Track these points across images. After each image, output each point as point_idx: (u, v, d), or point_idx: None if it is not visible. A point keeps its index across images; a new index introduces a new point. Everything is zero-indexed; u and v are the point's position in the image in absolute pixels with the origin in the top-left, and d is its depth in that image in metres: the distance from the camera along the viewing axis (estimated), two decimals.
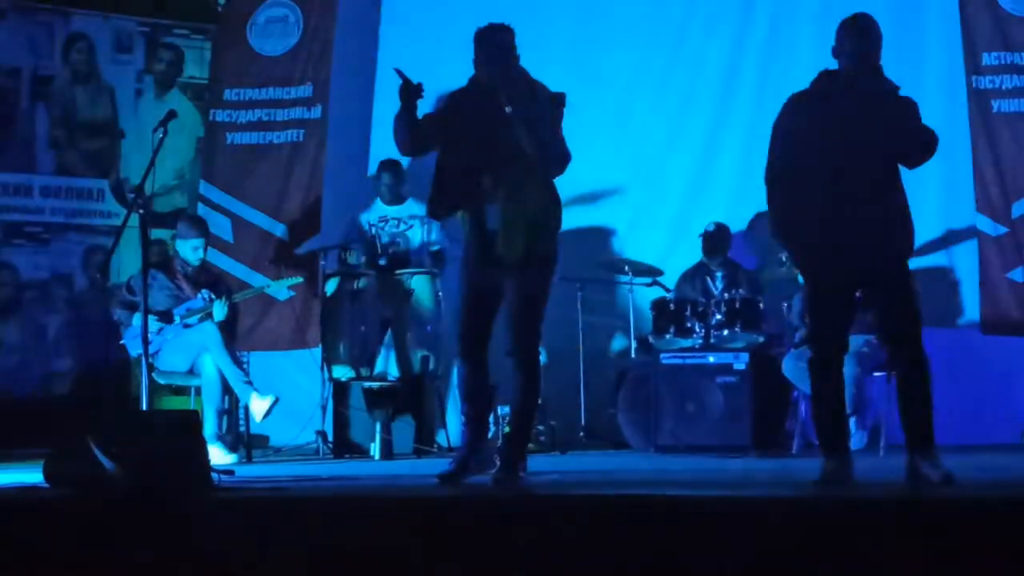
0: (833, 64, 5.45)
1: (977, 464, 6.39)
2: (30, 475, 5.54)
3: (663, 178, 9.09)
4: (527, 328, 5.68)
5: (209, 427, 7.27)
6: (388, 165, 8.51)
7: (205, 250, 7.92)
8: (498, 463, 5.68)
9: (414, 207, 8.43)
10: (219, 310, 7.67)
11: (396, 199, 8.54)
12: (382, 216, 8.50)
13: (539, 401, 6.12)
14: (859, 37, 5.32)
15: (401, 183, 8.53)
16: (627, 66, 9.12)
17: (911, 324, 5.34)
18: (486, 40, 5.71)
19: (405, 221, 8.47)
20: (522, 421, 5.78)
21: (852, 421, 7.17)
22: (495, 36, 5.71)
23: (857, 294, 5.56)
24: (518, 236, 5.56)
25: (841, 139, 5.26)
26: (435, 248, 8.45)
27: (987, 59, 8.10)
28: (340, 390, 8.02)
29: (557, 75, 6.02)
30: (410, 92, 5.73)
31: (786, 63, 8.59)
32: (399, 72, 5.77)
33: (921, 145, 5.32)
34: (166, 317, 7.68)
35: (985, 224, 8.04)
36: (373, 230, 8.35)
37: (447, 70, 6.20)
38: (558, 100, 5.72)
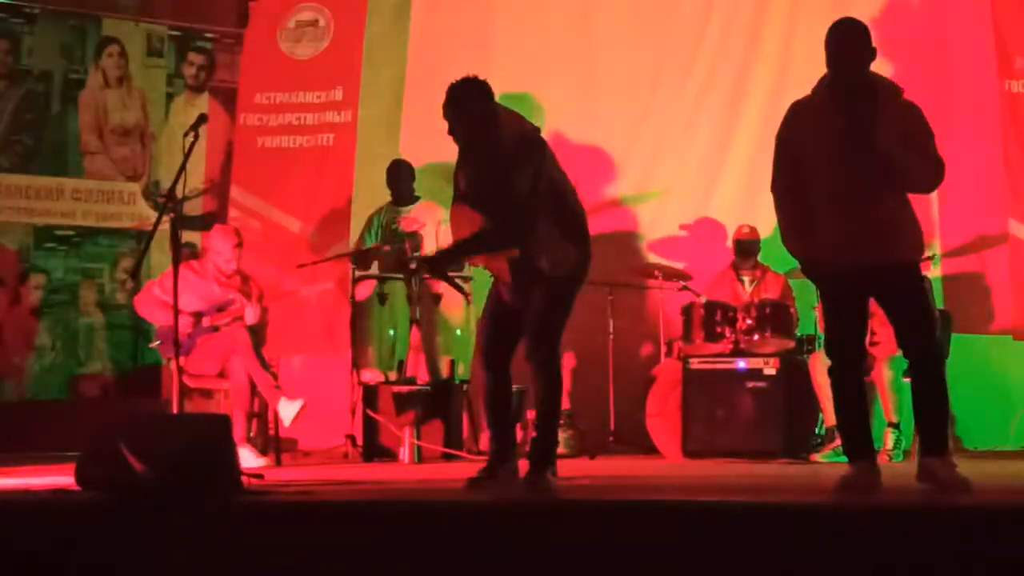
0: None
1: (1009, 470, 6.35)
2: (61, 478, 5.56)
3: (694, 183, 9.07)
4: (544, 331, 5.62)
5: (238, 430, 7.28)
6: (400, 164, 8.43)
7: (239, 260, 7.90)
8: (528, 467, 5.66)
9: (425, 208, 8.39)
10: (250, 314, 7.68)
11: (408, 199, 8.49)
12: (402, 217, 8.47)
13: (561, 403, 6.04)
14: (840, 43, 5.19)
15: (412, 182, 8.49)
16: (658, 66, 9.11)
17: (923, 330, 5.21)
18: (450, 99, 5.64)
19: (418, 221, 8.39)
20: (546, 424, 5.72)
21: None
22: (458, 92, 5.63)
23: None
24: (529, 277, 5.57)
25: (838, 146, 5.14)
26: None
27: (1020, 63, 8.05)
28: (369, 394, 8.01)
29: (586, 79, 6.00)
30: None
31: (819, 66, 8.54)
32: None
33: (919, 154, 5.12)
34: (197, 318, 7.69)
35: (1018, 229, 7.97)
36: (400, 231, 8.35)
37: (473, 71, 6.18)
38: (526, 144, 5.61)
